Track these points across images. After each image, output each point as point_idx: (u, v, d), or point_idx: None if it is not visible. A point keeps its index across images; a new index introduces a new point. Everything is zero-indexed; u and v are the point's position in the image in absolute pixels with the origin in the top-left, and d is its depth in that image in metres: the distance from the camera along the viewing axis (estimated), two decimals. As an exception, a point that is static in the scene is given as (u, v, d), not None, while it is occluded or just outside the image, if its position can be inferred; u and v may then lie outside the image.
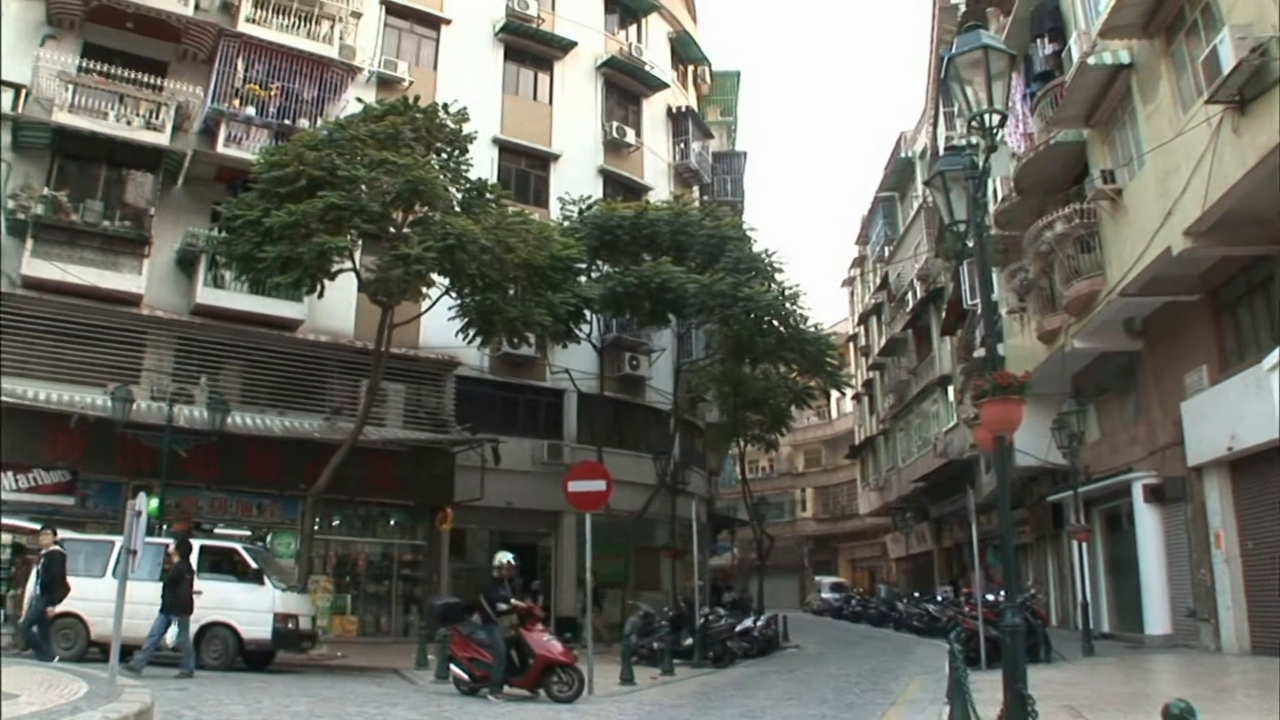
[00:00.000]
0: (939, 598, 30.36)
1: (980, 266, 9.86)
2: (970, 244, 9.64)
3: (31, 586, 14.59)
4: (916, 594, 35.90)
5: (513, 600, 13.36)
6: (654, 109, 33.08)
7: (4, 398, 19.02)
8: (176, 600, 14.16)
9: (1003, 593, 11.98)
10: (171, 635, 14.17)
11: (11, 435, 19.20)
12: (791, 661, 21.75)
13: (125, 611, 10.42)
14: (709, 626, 20.43)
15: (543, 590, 24.04)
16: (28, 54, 21.77)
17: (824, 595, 49.14)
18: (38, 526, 17.10)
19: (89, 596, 14.62)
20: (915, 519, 44.80)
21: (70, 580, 14.30)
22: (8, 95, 21.34)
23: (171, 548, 15.13)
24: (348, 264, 19.25)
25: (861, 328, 52.55)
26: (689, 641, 19.91)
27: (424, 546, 24.39)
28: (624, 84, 31.94)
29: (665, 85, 33.24)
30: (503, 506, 25.08)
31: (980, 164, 9.41)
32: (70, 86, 21.43)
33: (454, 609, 14.64)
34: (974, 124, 8.50)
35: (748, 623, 22.68)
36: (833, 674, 18.03)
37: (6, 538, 19.49)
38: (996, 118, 8.34)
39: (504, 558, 13.83)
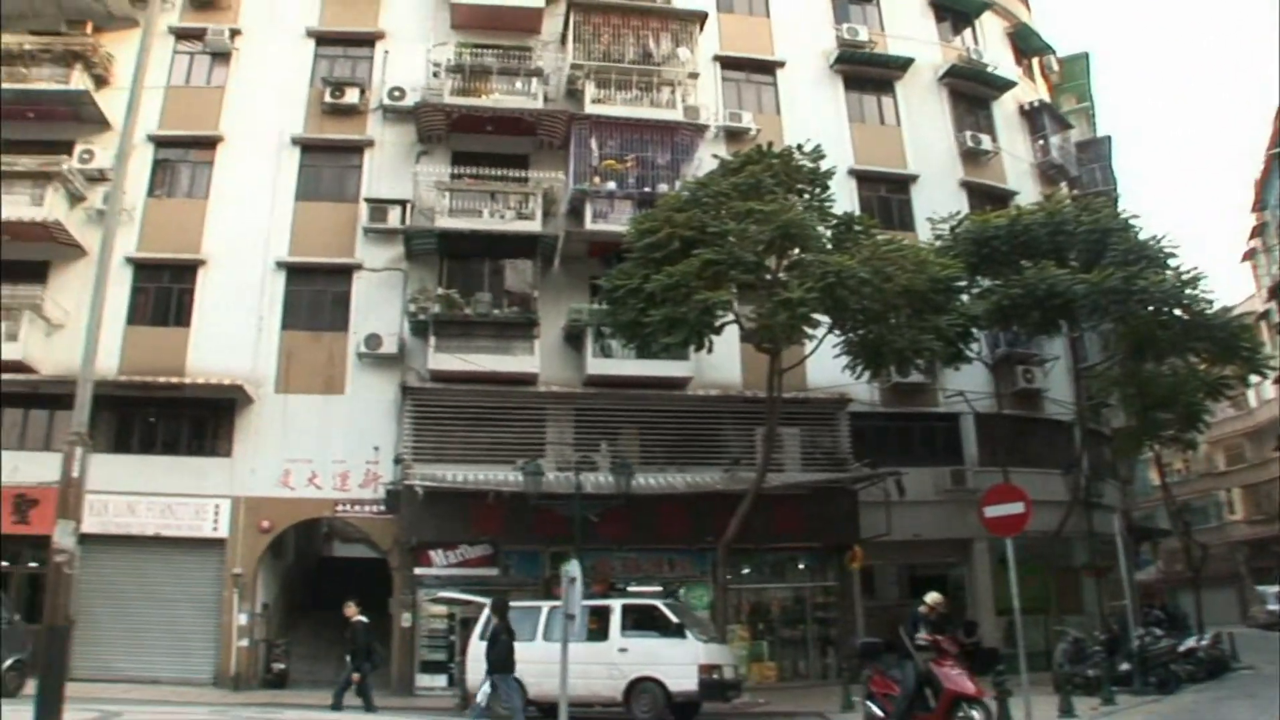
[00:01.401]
0: None
1: None
2: None
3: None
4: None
5: (929, 635, 12.57)
6: (1005, 110, 31.23)
7: (427, 482, 20.69)
8: (494, 660, 14.52)
9: None
10: (483, 693, 14.73)
11: (438, 515, 20.89)
12: (1250, 685, 19.14)
13: (556, 672, 10.56)
14: (1147, 649, 18.73)
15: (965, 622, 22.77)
16: (407, 172, 23.95)
17: (1270, 607, 43.55)
18: (475, 598, 18.59)
19: (522, 659, 15.35)
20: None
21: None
22: (395, 211, 23.47)
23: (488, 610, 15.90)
24: (729, 316, 19.27)
25: (1274, 302, 46.79)
26: (1125, 666, 18.39)
27: (835, 587, 23.78)
28: (969, 90, 30.40)
29: (1012, 83, 31.34)
30: (910, 539, 24.04)
31: None
32: (447, 194, 23.26)
33: (873, 647, 14.46)
34: None
35: (1190, 642, 20.56)
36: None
37: (441, 609, 21.13)
38: None
39: (933, 596, 13.17)
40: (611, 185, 23.92)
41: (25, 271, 24.24)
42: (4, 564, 22.68)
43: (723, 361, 23.21)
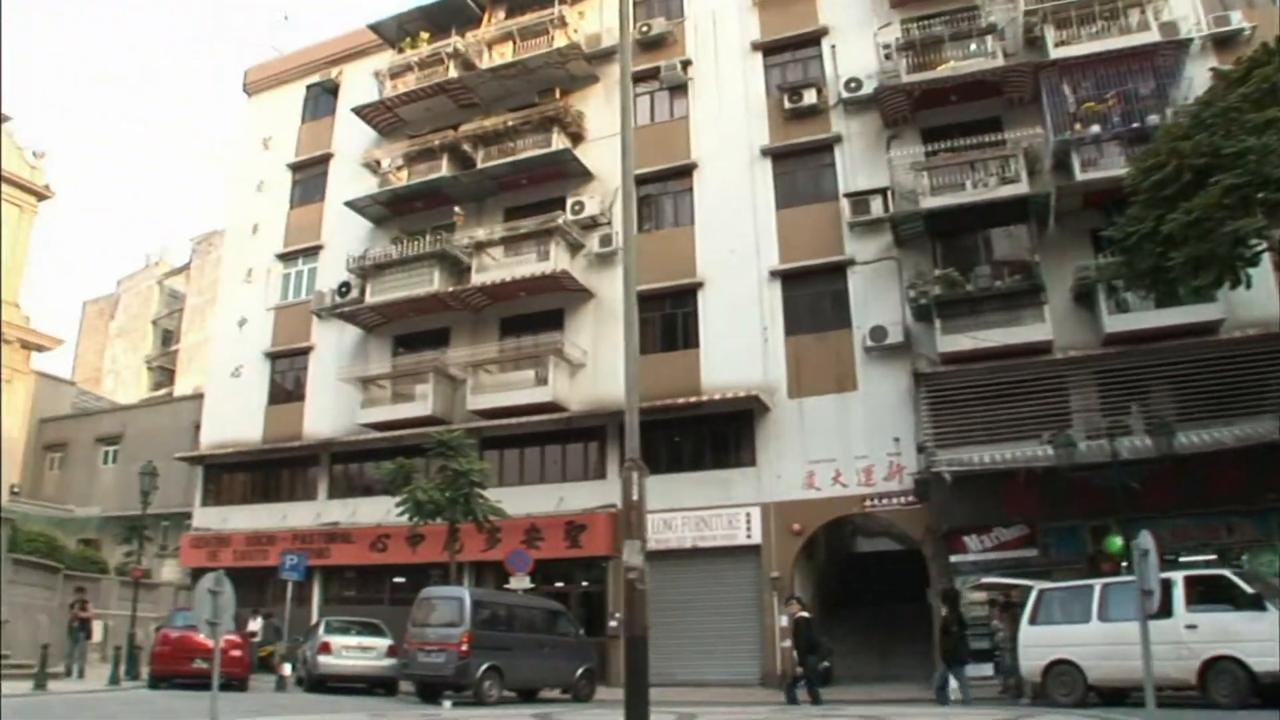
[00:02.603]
0: None
1: None
2: None
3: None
4: None
5: None
6: None
7: (954, 467, 20.27)
8: (945, 650, 13.42)
9: None
10: (954, 686, 14.29)
11: (968, 499, 20.36)
12: None
13: (1118, 654, 9.60)
14: None
15: None
16: (879, 160, 23.80)
17: None
18: (1020, 582, 17.98)
19: (1079, 642, 14.36)
20: None
21: (1053, 630, 15.03)
22: (876, 201, 23.37)
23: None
24: (1263, 244, 17.18)
25: None
26: None
27: None
28: None
29: None
30: None
31: None
32: (925, 173, 22.73)
33: None
34: None
35: None
36: None
37: (981, 595, 20.49)
38: None
39: None
40: (1095, 129, 22.22)
41: (543, 321, 26.83)
42: (560, 584, 25.06)
43: (1256, 298, 20.79)
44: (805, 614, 17.62)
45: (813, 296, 24.29)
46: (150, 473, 24.56)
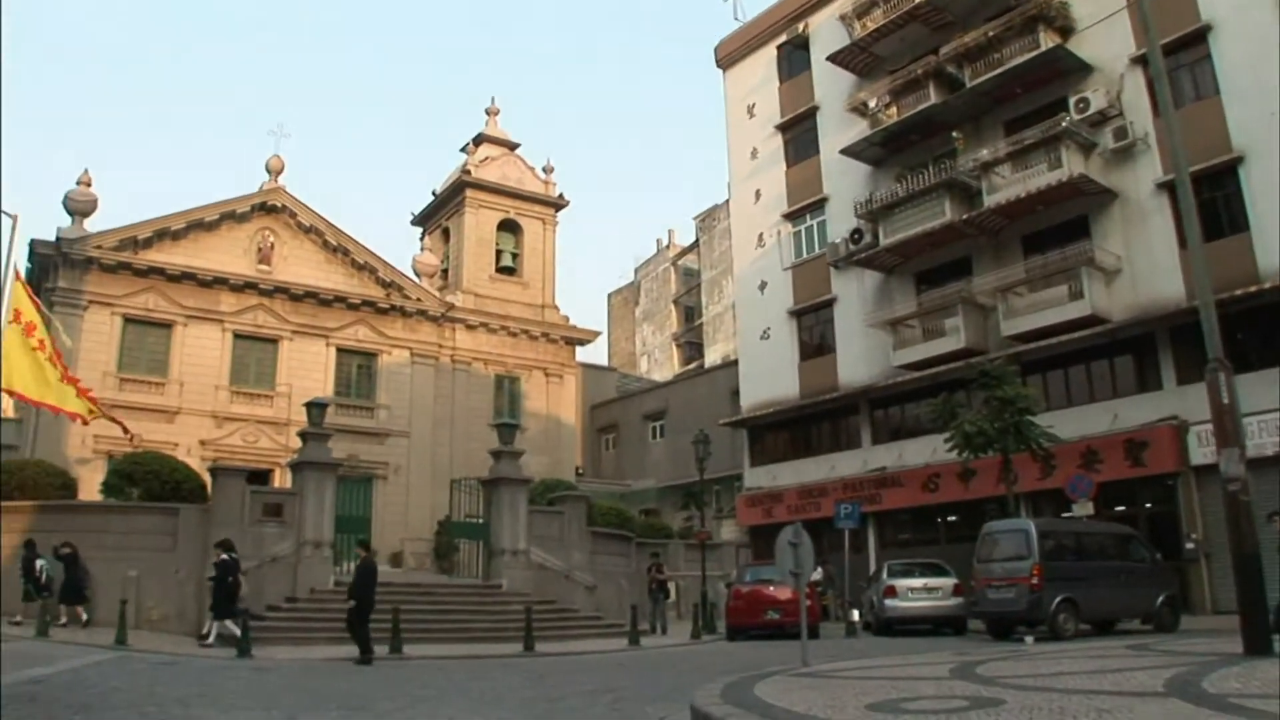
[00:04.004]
0: None
1: None
2: None
3: None
4: None
5: None
6: None
7: None
8: None
9: None
10: None
11: None
12: None
13: None
14: None
15: None
16: None
17: None
18: None
19: None
20: None
21: None
22: None
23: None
24: None
25: None
26: None
27: None
28: None
29: None
30: None
31: None
32: None
33: None
34: None
35: None
36: None
37: None
38: None
39: None
40: None
41: (1066, 233, 25.37)
42: (1121, 508, 23.58)
43: None
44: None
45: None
46: (703, 440, 26.63)
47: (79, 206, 30.64)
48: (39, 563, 18.48)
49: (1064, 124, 24.64)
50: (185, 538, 19.27)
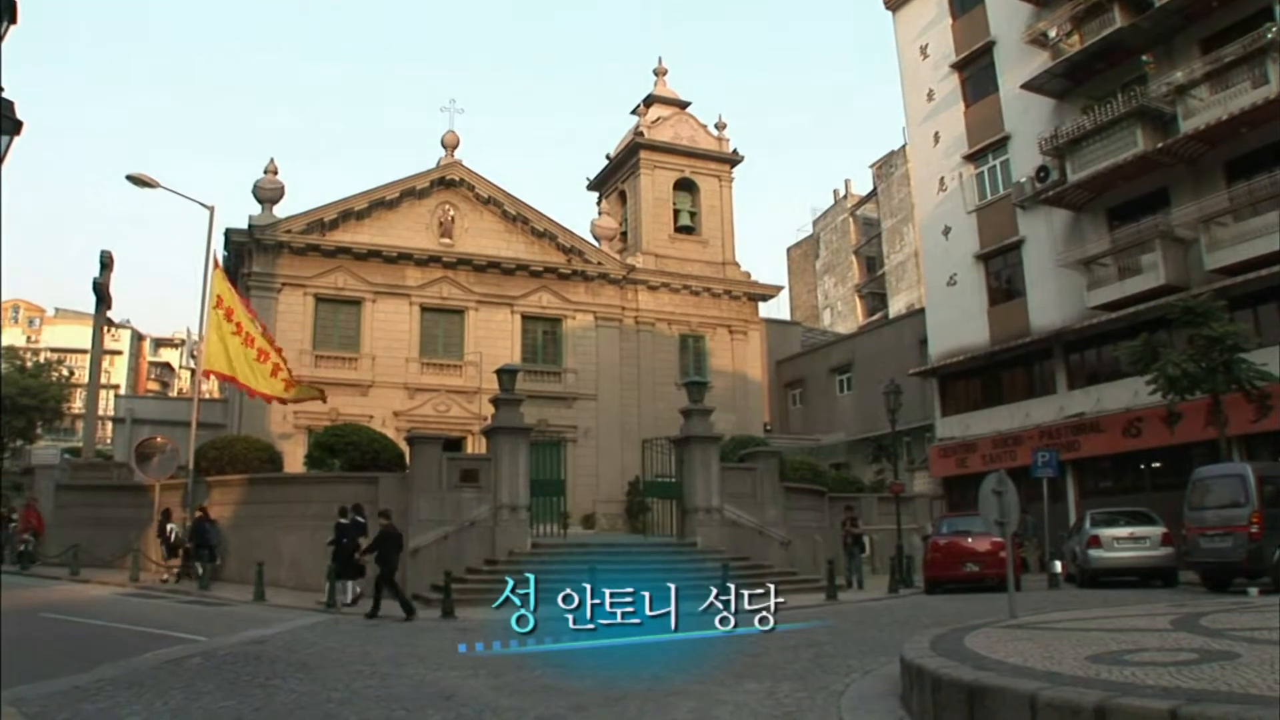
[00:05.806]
0: None
1: None
2: None
3: None
4: None
5: None
6: None
7: None
8: None
9: None
10: None
11: None
12: None
13: None
14: None
15: None
16: None
17: None
18: None
19: None
20: None
21: None
22: None
23: None
24: None
25: None
26: None
27: None
28: None
29: None
30: None
31: None
32: None
33: None
34: None
35: None
36: None
37: None
38: None
39: None
40: None
41: (1273, 156, 23.67)
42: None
43: None
44: None
45: None
46: (894, 391, 26.26)
47: (268, 194, 32.43)
48: (169, 526, 22.84)
49: (1270, 35, 22.89)
50: (385, 504, 20.19)
